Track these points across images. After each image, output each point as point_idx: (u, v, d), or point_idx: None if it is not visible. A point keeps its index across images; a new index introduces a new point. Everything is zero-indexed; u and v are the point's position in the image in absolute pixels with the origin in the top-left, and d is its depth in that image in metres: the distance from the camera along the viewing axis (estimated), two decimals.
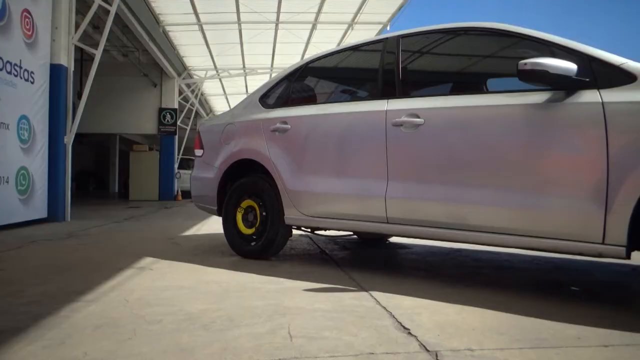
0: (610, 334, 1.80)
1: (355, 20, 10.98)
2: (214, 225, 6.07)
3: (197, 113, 19.10)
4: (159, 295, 2.42)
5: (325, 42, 11.76)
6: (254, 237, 3.53)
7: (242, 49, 12.78)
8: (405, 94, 2.92)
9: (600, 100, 2.13)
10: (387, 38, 3.13)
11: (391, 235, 4.22)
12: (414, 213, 2.69)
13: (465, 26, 2.83)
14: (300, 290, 2.52)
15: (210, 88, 18.21)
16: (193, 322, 1.96)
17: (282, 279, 2.79)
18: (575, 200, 2.16)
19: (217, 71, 15.01)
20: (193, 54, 13.45)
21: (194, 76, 15.39)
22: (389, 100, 2.89)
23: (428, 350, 1.62)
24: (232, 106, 5.51)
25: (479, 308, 2.15)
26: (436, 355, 1.57)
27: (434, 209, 2.61)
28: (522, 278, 2.97)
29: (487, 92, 2.84)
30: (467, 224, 2.49)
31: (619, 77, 2.14)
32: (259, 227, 3.51)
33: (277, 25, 11.06)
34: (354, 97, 3.55)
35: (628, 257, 2.07)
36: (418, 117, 2.70)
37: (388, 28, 11.19)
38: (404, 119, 2.74)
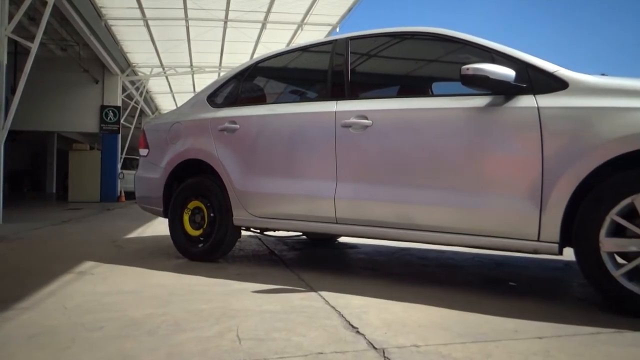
0: (544, 326, 1.90)
1: (305, 21, 11.01)
2: (159, 227, 5.89)
3: (142, 111, 18.47)
4: (101, 300, 2.32)
5: (275, 42, 11.70)
6: (202, 238, 3.46)
7: (189, 47, 12.49)
8: (354, 95, 2.96)
9: (536, 105, 2.25)
10: (336, 40, 3.16)
11: (340, 236, 4.26)
12: (362, 213, 2.74)
13: (412, 30, 2.91)
14: (248, 291, 2.50)
15: (156, 86, 17.66)
16: (137, 327, 1.89)
17: (230, 281, 2.76)
18: (514, 200, 2.27)
19: (163, 68, 14.59)
20: (138, 50, 13.00)
21: (139, 73, 14.88)
22: (338, 102, 2.92)
23: (375, 348, 1.65)
24: (178, 105, 5.38)
25: (425, 305, 2.21)
26: (383, 353, 1.61)
27: (382, 209, 2.66)
28: (465, 275, 3.08)
29: (432, 95, 2.93)
30: (413, 224, 2.56)
31: (553, 83, 2.27)
32: (206, 229, 3.44)
33: (225, 23, 10.90)
34: (303, 98, 3.56)
35: (560, 253, 2.21)
36: (366, 118, 2.74)
37: (337, 30, 11.30)
38: (353, 120, 2.78)
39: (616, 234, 2.04)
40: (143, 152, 4.00)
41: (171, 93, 18.48)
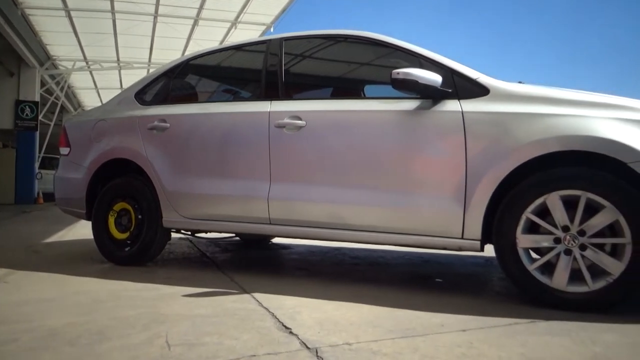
0: (468, 319, 2.01)
1: (239, 20, 10.87)
2: (82, 230, 5.56)
3: (63, 107, 17.32)
4: (15, 310, 2.16)
5: (208, 39, 11.45)
6: (129, 241, 3.31)
7: (116, 41, 11.89)
8: (288, 96, 2.97)
9: (460, 110, 2.37)
10: (270, 40, 3.15)
11: (274, 236, 4.25)
12: (295, 214, 2.74)
13: (345, 33, 2.96)
14: (179, 296, 2.42)
15: (79, 81, 16.66)
16: (56, 338, 1.78)
17: (159, 285, 2.66)
18: (440, 200, 2.38)
19: (87, 63, 13.78)
20: (59, 42, 12.18)
21: (60, 67, 13.95)
22: (272, 102, 2.91)
23: (308, 348, 1.66)
24: (104, 102, 5.12)
25: (357, 303, 2.26)
26: (316, 352, 1.62)
27: (315, 209, 2.68)
28: (395, 273, 3.18)
29: (364, 97, 3.00)
30: (345, 224, 2.61)
31: (475, 89, 2.40)
32: (134, 231, 3.29)
33: (155, 18, 10.50)
34: (237, 97, 3.52)
35: (482, 249, 2.34)
36: (300, 119, 2.76)
37: (272, 30, 11.26)
38: (287, 120, 2.78)
39: (531, 231, 2.20)
40: (64, 150, 3.77)
41: (96, 89, 17.51)
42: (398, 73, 2.38)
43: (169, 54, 12.07)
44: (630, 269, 2.00)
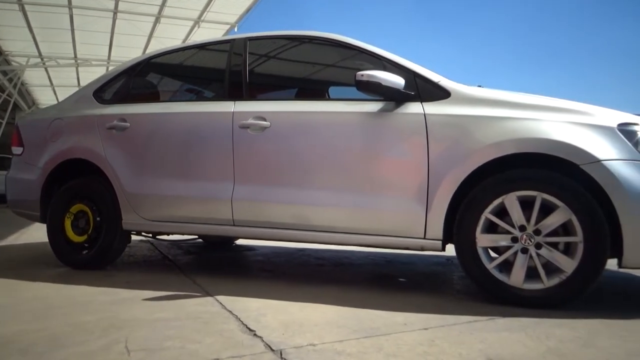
0: (429, 317, 2.05)
1: (202, 18, 10.73)
2: (36, 233, 5.34)
3: (16, 105, 16.63)
4: None
5: (170, 37, 11.26)
6: (87, 245, 3.20)
7: (73, 37, 11.51)
8: (252, 96, 2.95)
9: (423, 112, 2.42)
10: (234, 39, 3.12)
11: (238, 238, 4.21)
12: (260, 215, 2.73)
13: (310, 35, 2.96)
14: (139, 300, 2.36)
15: (34, 78, 16.02)
16: (7, 346, 1.70)
17: (118, 290, 2.59)
18: (403, 200, 2.42)
19: (42, 59, 13.26)
20: (11, 36, 11.68)
21: (13, 62, 13.38)
22: (236, 102, 2.89)
23: (273, 350, 1.65)
24: (61, 100, 4.94)
25: (321, 304, 2.26)
26: (280, 354, 1.61)
27: (280, 210, 2.67)
28: (359, 273, 3.21)
29: (329, 99, 3.01)
30: (310, 225, 2.61)
31: (437, 92, 2.46)
32: (92, 234, 3.19)
33: (115, 14, 10.23)
34: (200, 97, 3.47)
35: (443, 249, 2.40)
36: (264, 120, 2.74)
37: (236, 29, 11.17)
38: (251, 121, 2.76)
39: (490, 230, 2.26)
40: (17, 150, 3.61)
41: (51, 86, 16.91)
42: (362, 75, 2.41)
43: (129, 52, 11.80)
44: (582, 267, 2.09)
